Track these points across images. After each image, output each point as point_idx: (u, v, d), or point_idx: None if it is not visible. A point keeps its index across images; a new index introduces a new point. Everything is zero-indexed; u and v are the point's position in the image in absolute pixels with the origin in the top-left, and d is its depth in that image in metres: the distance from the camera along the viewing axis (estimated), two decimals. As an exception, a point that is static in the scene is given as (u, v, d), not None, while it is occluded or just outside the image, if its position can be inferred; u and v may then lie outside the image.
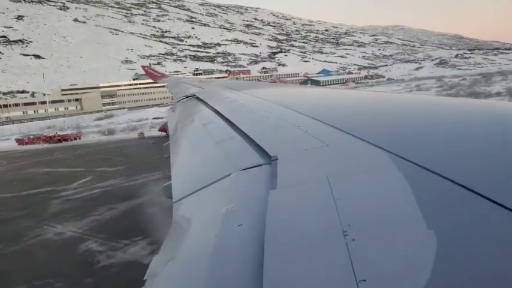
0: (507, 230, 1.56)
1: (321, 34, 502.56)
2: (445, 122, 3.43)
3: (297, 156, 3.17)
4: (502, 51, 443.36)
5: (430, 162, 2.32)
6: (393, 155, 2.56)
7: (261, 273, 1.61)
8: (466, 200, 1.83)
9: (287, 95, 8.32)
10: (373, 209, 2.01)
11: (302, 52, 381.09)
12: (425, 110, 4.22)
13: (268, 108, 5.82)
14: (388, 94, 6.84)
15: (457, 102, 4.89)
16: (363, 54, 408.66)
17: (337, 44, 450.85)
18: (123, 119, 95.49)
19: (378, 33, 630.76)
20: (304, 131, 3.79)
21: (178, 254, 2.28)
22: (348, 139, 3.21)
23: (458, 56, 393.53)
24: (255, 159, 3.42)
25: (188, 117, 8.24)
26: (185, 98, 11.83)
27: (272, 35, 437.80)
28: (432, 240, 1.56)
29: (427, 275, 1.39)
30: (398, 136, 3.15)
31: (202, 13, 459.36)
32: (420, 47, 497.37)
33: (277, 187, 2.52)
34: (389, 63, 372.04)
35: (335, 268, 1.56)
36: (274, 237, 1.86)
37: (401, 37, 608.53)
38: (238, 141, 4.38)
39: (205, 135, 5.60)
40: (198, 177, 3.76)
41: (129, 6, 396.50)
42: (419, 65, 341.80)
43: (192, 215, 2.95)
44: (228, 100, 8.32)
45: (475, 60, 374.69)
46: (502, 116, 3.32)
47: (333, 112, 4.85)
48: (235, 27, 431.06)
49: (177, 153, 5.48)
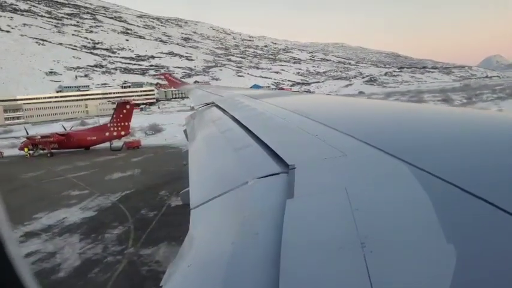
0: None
1: (260, 50, 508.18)
2: (466, 134, 3.36)
3: (314, 166, 3.13)
4: (429, 70, 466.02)
5: (449, 174, 2.27)
6: (412, 166, 2.52)
7: (277, 282, 1.60)
8: (486, 213, 1.79)
9: (306, 104, 8.34)
10: (391, 221, 1.97)
11: (238, 67, 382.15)
12: (445, 121, 4.13)
13: (286, 116, 5.93)
14: (407, 104, 7.80)
15: (478, 114, 4.89)
16: (297, 71, 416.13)
17: (274, 59, 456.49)
18: (18, 134, 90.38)
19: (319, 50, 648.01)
20: (322, 140, 3.79)
21: (195, 261, 2.26)
22: (366, 149, 3.17)
23: (388, 74, 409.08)
24: (273, 167, 3.39)
25: (207, 125, 8.29)
26: (204, 106, 12.12)
27: (210, 49, 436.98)
28: (451, 254, 1.53)
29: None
30: (417, 147, 3.10)
31: (140, 25, 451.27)
32: (355, 64, 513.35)
33: (294, 196, 2.50)
34: (322, 79, 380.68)
35: (352, 279, 1.55)
36: (290, 247, 1.84)
37: (341, 54, 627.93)
38: (256, 149, 4.35)
39: (223, 143, 5.75)
40: (215, 185, 3.73)
41: (61, 16, 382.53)
42: (350, 82, 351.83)
43: (209, 222, 2.92)
44: (247, 108, 8.43)
45: (402, 78, 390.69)
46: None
47: (350, 121, 4.91)
48: (172, 40, 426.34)
49: (195, 160, 5.56)
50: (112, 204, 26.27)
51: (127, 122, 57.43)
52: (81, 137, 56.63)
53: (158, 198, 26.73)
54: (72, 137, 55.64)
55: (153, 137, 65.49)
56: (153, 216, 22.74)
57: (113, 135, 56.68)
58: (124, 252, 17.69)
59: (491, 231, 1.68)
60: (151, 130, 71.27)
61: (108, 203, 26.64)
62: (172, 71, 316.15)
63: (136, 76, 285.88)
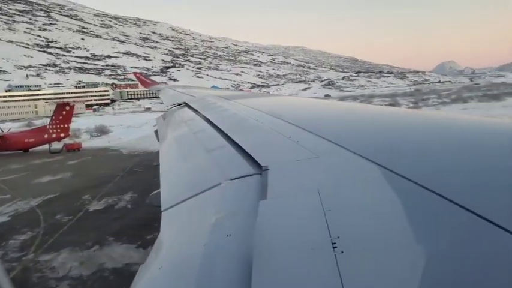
0: (492, 243, 1.59)
1: (220, 51, 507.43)
2: (435, 137, 3.45)
3: (287, 167, 3.13)
4: (384, 75, 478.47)
5: (418, 175, 2.32)
6: (382, 168, 2.57)
7: (249, 284, 1.60)
8: (454, 215, 1.84)
9: (279, 106, 8.30)
10: (362, 222, 2.00)
11: (197, 68, 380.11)
12: (415, 124, 4.25)
13: (260, 118, 5.86)
14: (379, 107, 7.06)
15: (449, 117, 4.99)
16: (258, 73, 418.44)
17: (234, 61, 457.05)
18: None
19: (280, 52, 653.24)
20: (295, 142, 3.79)
21: (166, 263, 2.23)
22: (338, 151, 3.21)
23: (345, 78, 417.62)
24: (246, 168, 3.38)
25: (179, 125, 8.13)
26: (176, 106, 11.89)
27: (169, 50, 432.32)
28: (420, 254, 1.57)
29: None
30: (388, 149, 3.15)
31: (96, 24, 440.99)
32: (314, 68, 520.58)
33: (268, 197, 2.51)
34: (282, 82, 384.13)
35: (323, 280, 1.56)
36: (263, 248, 1.84)
37: (301, 57, 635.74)
38: (229, 151, 4.34)
39: (195, 144, 5.70)
40: (187, 186, 3.68)
41: (12, 12, 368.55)
42: (308, 86, 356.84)
43: (181, 224, 2.87)
44: (220, 109, 8.36)
45: (359, 82, 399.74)
46: (497, 134, 3.31)
47: (323, 123, 4.87)
48: (130, 40, 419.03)
49: (167, 161, 5.46)
50: (30, 209, 25.36)
51: (66, 124, 55.72)
52: (18, 139, 54.39)
53: (79, 202, 26.03)
54: (8, 139, 53.35)
55: (98, 139, 63.98)
56: (67, 221, 22.14)
57: (52, 138, 54.86)
58: (22, 258, 17.19)
59: (459, 233, 1.72)
60: (97, 132, 69.61)
61: (26, 208, 25.69)
62: (129, 71, 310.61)
63: (91, 76, 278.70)
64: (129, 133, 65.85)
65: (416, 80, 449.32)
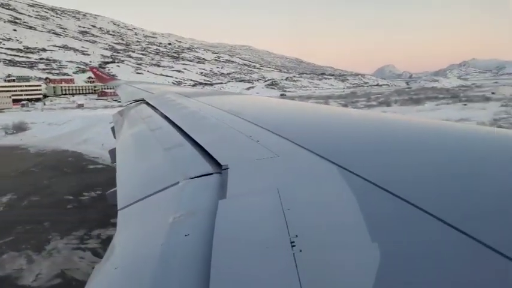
0: (442, 241, 1.66)
1: (163, 47, 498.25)
2: (392, 138, 3.55)
3: (247, 166, 3.14)
4: (326, 77, 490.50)
5: (375, 175, 2.39)
6: (341, 168, 2.62)
7: (207, 284, 1.60)
8: (407, 212, 1.91)
9: (240, 104, 8.21)
10: (321, 221, 2.03)
11: (138, 64, 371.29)
12: (374, 125, 4.35)
13: (220, 116, 5.85)
14: (339, 108, 7.35)
15: (404, 119, 5.11)
16: (201, 71, 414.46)
17: (177, 58, 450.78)
18: None
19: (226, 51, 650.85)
20: (256, 141, 3.79)
21: (122, 263, 2.20)
22: (299, 151, 3.24)
23: (288, 78, 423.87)
24: (205, 167, 3.36)
25: (136, 122, 7.99)
26: (134, 103, 11.64)
27: (109, 44, 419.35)
28: (375, 252, 1.62)
29: (370, 286, 1.43)
30: (347, 149, 3.24)
31: (31, 15, 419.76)
32: (259, 68, 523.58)
33: (227, 197, 2.50)
34: (225, 81, 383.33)
35: (281, 279, 1.57)
36: (221, 248, 1.85)
37: (247, 57, 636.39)
38: (188, 149, 4.30)
39: (153, 142, 5.56)
40: (145, 185, 3.63)
41: None
42: (252, 85, 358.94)
43: (138, 223, 2.83)
44: (179, 106, 8.31)
45: (302, 83, 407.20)
46: (441, 132, 3.51)
47: (284, 123, 4.94)
48: (67, 33, 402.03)
49: (124, 159, 5.36)
50: None
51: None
52: None
53: None
54: None
55: (12, 136, 60.48)
56: None
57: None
58: None
59: (414, 231, 1.77)
60: (14, 129, 66.02)
61: None
62: (65, 65, 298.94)
63: (23, 70, 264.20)
64: (48, 131, 62.68)
65: (356, 82, 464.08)
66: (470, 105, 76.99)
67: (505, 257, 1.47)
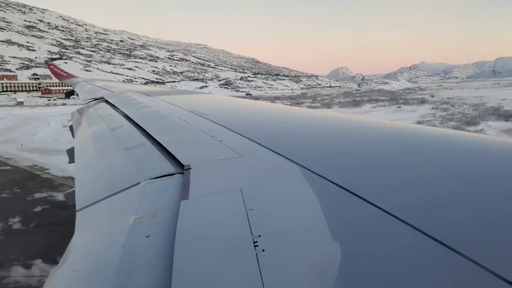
0: (402, 240, 1.69)
1: (115, 44, 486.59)
2: (355, 139, 3.62)
3: (210, 166, 3.10)
4: (281, 77, 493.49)
5: (336, 175, 2.43)
6: (304, 169, 2.65)
7: (169, 285, 1.58)
8: (367, 212, 1.95)
9: (203, 104, 8.15)
10: (283, 221, 2.04)
11: (87, 61, 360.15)
12: (336, 126, 4.41)
13: (182, 115, 5.77)
14: (302, 110, 7.29)
15: (371, 121, 5.15)
16: (153, 69, 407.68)
17: (129, 55, 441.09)
18: None
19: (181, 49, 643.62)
20: (218, 141, 3.77)
21: (81, 265, 2.15)
22: (261, 151, 3.25)
23: (243, 78, 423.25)
24: (167, 168, 3.30)
25: (96, 121, 7.75)
26: (93, 101, 11.29)
27: (57, 40, 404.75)
28: (336, 251, 1.64)
29: (331, 285, 1.45)
30: (309, 150, 3.27)
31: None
32: (214, 67, 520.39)
33: (189, 197, 2.47)
34: (178, 79, 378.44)
35: (244, 279, 1.57)
36: (183, 249, 1.82)
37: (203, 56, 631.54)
38: (149, 149, 4.23)
39: (114, 141, 5.51)
40: (104, 185, 3.54)
41: None
42: (205, 84, 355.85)
43: (97, 224, 2.76)
44: (140, 105, 8.09)
45: (256, 83, 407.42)
46: (413, 137, 3.57)
47: (247, 123, 4.96)
48: (11, 27, 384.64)
49: (82, 158, 5.27)
50: None
51: None
52: None
53: None
54: None
55: None
56: None
57: None
58: None
59: (374, 230, 1.81)
60: None
61: None
62: (8, 60, 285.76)
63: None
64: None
65: (310, 83, 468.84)
66: (403, 108, 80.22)
67: (461, 254, 1.52)
